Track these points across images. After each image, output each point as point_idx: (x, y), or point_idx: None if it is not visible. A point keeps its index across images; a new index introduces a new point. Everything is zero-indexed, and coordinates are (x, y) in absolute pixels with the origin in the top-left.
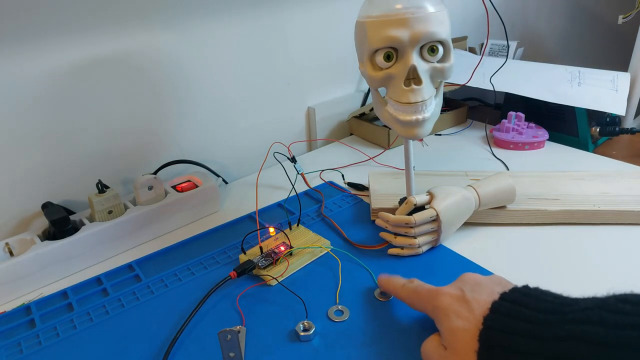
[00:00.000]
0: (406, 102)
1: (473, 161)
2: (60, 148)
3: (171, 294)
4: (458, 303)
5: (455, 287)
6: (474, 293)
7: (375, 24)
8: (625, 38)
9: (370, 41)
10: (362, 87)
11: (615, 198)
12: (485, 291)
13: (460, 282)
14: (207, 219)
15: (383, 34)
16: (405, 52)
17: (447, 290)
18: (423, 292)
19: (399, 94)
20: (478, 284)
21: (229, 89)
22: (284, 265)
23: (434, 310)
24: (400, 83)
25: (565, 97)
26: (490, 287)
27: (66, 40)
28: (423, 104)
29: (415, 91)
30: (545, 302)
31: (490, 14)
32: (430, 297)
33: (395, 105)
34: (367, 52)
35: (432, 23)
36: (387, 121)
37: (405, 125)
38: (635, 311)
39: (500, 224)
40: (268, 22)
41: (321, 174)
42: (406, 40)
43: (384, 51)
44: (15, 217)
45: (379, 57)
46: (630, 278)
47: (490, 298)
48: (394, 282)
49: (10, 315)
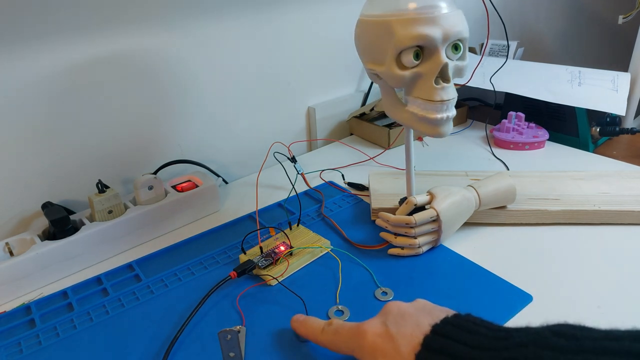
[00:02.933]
0: (439, 100)
1: (473, 161)
2: (60, 148)
3: (171, 294)
4: (383, 340)
5: (378, 322)
6: (398, 327)
7: (404, 22)
8: (625, 38)
9: (399, 40)
10: (362, 87)
11: (615, 198)
12: (411, 323)
13: (383, 315)
14: (207, 219)
15: (415, 32)
16: (436, 50)
17: (370, 327)
18: (345, 332)
19: (429, 92)
20: (402, 315)
21: (229, 89)
22: (284, 265)
23: (359, 351)
24: (430, 81)
25: (565, 97)
26: (415, 318)
27: (66, 40)
28: (450, 102)
29: (445, 89)
30: (479, 335)
31: (490, 14)
32: (353, 336)
33: (424, 104)
34: (393, 51)
35: (458, 20)
36: (408, 121)
37: (434, 123)
38: (569, 347)
39: (501, 224)
40: (268, 22)
41: (321, 174)
42: (439, 38)
43: (414, 50)
44: (15, 217)
45: (407, 56)
46: (631, 278)
47: (418, 331)
48: (311, 326)
49: (10, 315)
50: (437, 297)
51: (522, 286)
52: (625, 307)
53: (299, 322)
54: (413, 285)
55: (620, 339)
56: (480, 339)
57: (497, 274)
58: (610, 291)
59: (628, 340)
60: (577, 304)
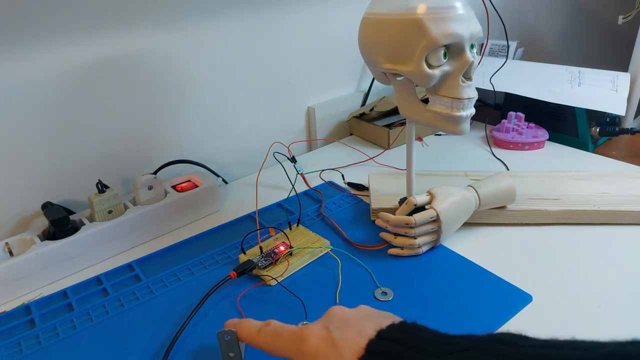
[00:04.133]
0: (466, 97)
1: (473, 161)
2: (60, 148)
3: (171, 294)
4: (325, 344)
5: (321, 326)
6: (341, 332)
7: (435, 21)
8: (625, 38)
9: (434, 38)
10: (362, 87)
11: (615, 198)
12: (353, 328)
13: (326, 319)
14: (207, 219)
15: (448, 30)
16: (463, 48)
17: (312, 330)
18: (285, 335)
19: (457, 90)
20: (345, 320)
21: (229, 89)
22: (284, 265)
23: (300, 355)
24: (457, 79)
25: (565, 97)
26: (358, 323)
27: (66, 42)
28: (473, 100)
29: (470, 86)
30: (424, 341)
31: (490, 14)
32: (293, 340)
33: (450, 102)
34: (423, 50)
35: (477, 21)
36: (430, 121)
37: (458, 121)
38: (512, 354)
39: (500, 224)
40: (268, 23)
41: (321, 174)
42: (467, 36)
43: (443, 49)
44: (15, 217)
45: (437, 54)
46: (631, 278)
47: (361, 337)
48: (246, 326)
49: (10, 315)
50: (437, 297)
51: (522, 286)
52: (625, 307)
53: (233, 324)
54: (413, 285)
55: (560, 347)
56: (425, 344)
57: (497, 274)
58: (610, 291)
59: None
60: (577, 304)
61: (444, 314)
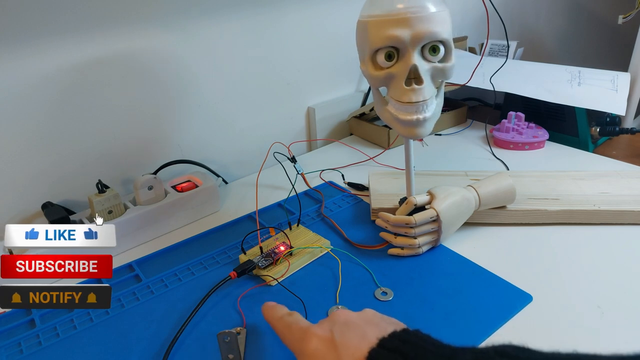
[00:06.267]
0: (407, 101)
1: (473, 161)
2: (60, 148)
3: (171, 294)
4: (326, 348)
5: (325, 328)
6: (343, 337)
7: (376, 24)
8: (625, 38)
9: (372, 40)
10: (362, 87)
11: (615, 198)
12: (356, 334)
13: (330, 322)
14: (207, 219)
15: (384, 33)
16: (407, 51)
17: (315, 331)
18: (295, 330)
19: (400, 93)
20: (348, 324)
21: (229, 89)
22: (284, 266)
23: (300, 354)
24: (401, 82)
25: (565, 97)
26: (361, 329)
27: (66, 41)
28: (424, 104)
29: (416, 91)
30: (425, 351)
31: (490, 14)
32: (298, 337)
33: (396, 105)
34: (369, 52)
35: (434, 23)
36: (387, 121)
37: (406, 124)
38: None
39: (500, 224)
40: (268, 23)
41: (321, 174)
42: (407, 39)
43: (385, 50)
44: (15, 217)
45: (380, 56)
46: (631, 278)
47: (363, 343)
48: (274, 311)
49: (10, 315)
50: (437, 297)
51: (522, 286)
52: (625, 307)
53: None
54: (413, 285)
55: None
56: (426, 355)
57: (497, 274)
58: (610, 291)
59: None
60: (577, 303)
61: (444, 314)
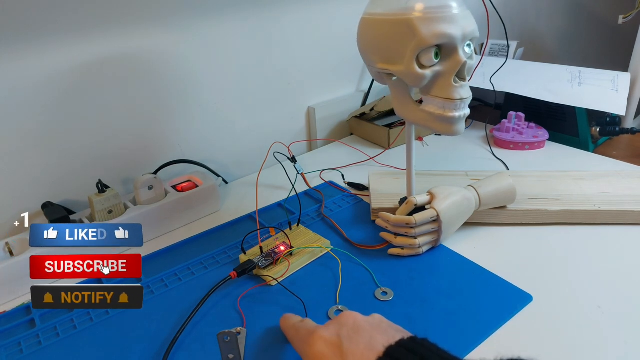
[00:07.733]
0: (458, 98)
1: (473, 161)
2: (60, 148)
3: (171, 294)
4: (332, 352)
5: (332, 331)
6: (350, 343)
7: (426, 21)
8: (625, 38)
9: (423, 38)
10: (363, 87)
11: (615, 198)
12: (364, 340)
13: (337, 325)
14: (207, 219)
15: (438, 30)
16: (455, 48)
17: (322, 333)
18: (302, 332)
19: (449, 90)
20: (356, 329)
21: (229, 89)
22: (284, 265)
23: (304, 355)
24: (449, 80)
25: (565, 97)
26: (368, 335)
27: (66, 41)
28: (467, 100)
29: (463, 87)
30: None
31: (490, 14)
32: (304, 339)
33: (442, 103)
34: (413, 51)
35: (472, 20)
36: (422, 121)
37: (451, 122)
38: None
39: (501, 224)
40: (268, 23)
41: (321, 174)
42: (459, 36)
43: (434, 49)
44: (16, 217)
45: (428, 54)
46: (631, 278)
47: (371, 351)
48: (288, 320)
49: (10, 315)
50: (437, 297)
51: (522, 286)
52: (625, 307)
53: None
54: (413, 285)
55: None
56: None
57: (497, 274)
58: (610, 291)
59: None
60: (577, 303)
61: (444, 314)
